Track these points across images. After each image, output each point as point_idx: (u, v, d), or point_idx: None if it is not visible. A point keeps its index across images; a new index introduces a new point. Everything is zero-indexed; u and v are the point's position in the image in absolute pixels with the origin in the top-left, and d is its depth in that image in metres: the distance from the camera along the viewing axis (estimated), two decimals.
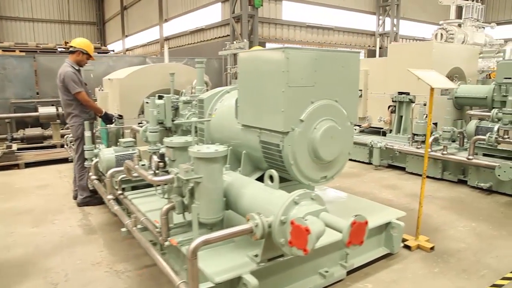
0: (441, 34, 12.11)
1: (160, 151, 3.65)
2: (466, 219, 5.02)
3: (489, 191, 6.08)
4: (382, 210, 4.05)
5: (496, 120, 5.88)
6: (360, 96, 8.61)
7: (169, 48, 22.34)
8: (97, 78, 9.38)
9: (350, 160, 8.34)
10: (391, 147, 7.36)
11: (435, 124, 7.21)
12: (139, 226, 3.65)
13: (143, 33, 26.74)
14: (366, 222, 2.34)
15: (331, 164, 3.71)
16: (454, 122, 7.64)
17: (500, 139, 5.79)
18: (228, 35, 15.57)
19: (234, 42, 12.36)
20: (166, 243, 3.09)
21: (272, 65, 3.44)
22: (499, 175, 5.59)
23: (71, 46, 5.58)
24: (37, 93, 10.94)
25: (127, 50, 30.25)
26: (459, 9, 13.96)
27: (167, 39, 22.74)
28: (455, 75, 7.81)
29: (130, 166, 3.66)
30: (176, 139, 3.46)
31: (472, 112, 6.33)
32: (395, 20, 19.26)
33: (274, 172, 2.88)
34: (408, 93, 7.45)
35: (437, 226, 4.79)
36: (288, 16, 16.80)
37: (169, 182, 3.18)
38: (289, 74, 3.29)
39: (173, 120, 5.54)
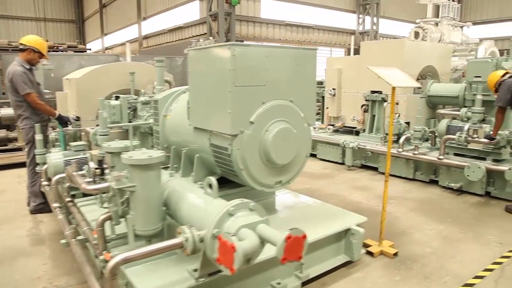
0: (418, 33, 12.06)
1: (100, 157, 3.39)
2: (434, 221, 4.87)
3: (460, 191, 5.97)
4: (342, 216, 3.85)
5: (466, 119, 5.75)
6: (334, 95, 8.45)
7: (148, 46, 21.98)
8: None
9: (323, 160, 8.20)
10: (363, 147, 7.20)
11: (408, 123, 7.08)
12: (79, 238, 3.38)
13: (122, 31, 26.23)
14: (304, 236, 2.13)
15: (286, 168, 3.50)
16: (427, 121, 7.55)
17: (470, 138, 5.66)
18: (205, 33, 15.30)
19: (201, 40, 12.08)
20: (101, 257, 2.83)
21: (219, 63, 3.21)
22: (468, 176, 5.47)
23: (21, 44, 5.25)
24: (3, 93, 10.51)
25: (107, 48, 29.65)
26: (436, 8, 13.93)
27: (146, 37, 22.32)
28: (428, 73, 7.70)
29: (68, 173, 3.39)
30: (115, 144, 3.21)
31: (442, 111, 6.20)
32: (375, 18, 19.21)
33: (212, 179, 2.65)
34: (380, 92, 7.29)
35: (404, 230, 4.62)
36: (267, 14, 16.59)
37: (104, 191, 2.92)
38: (236, 72, 3.07)
39: (130, 121, 5.30)
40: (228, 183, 3.80)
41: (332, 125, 8.53)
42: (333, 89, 8.42)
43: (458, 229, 4.63)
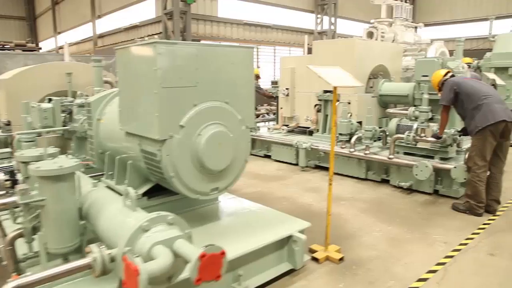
0: (372, 32, 12.20)
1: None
2: (383, 222, 4.82)
3: (410, 190, 5.98)
4: (285, 222, 3.69)
5: (413, 118, 5.76)
6: (287, 95, 8.35)
7: (103, 46, 21.18)
8: None
9: (278, 161, 8.07)
10: (316, 147, 7.13)
11: (360, 122, 7.06)
12: None
13: (76, 29, 25.19)
14: (223, 253, 1.93)
15: (223, 174, 3.30)
16: (379, 120, 7.57)
17: (418, 137, 5.68)
18: (161, 33, 14.86)
19: (145, 37, 11.68)
20: (9, 280, 2.51)
21: (144, 63, 2.97)
22: (416, 174, 5.48)
23: None
24: None
25: (60, 48, 28.36)
26: (390, 9, 14.18)
27: (101, 36, 21.52)
28: (380, 72, 7.73)
29: None
30: (29, 152, 2.89)
31: (391, 110, 6.21)
32: (332, 18, 19.39)
33: (130, 189, 2.41)
34: (331, 91, 7.23)
35: (352, 232, 4.53)
36: (224, 13, 16.34)
37: (14, 206, 2.61)
38: (162, 72, 2.84)
39: (64, 126, 4.93)
40: (167, 190, 3.57)
41: (287, 125, 8.42)
42: (286, 89, 8.31)
43: (406, 229, 4.59)
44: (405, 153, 6.16)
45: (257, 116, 10.76)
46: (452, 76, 5.34)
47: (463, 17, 22.47)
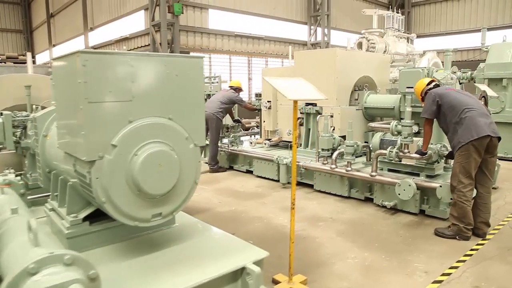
0: (362, 43, 11.93)
1: None
2: (360, 247, 4.42)
3: (394, 209, 5.59)
4: (241, 250, 3.30)
5: (396, 133, 5.40)
6: (269, 107, 8.02)
7: None
8: None
9: (260, 177, 7.71)
10: (297, 163, 6.75)
11: (343, 137, 6.69)
12: None
13: (70, 42, 25.06)
14: None
15: (167, 198, 2.92)
16: (365, 134, 7.22)
17: (401, 154, 5.31)
18: (149, 44, 14.64)
19: (134, 49, 11.42)
20: None
21: (70, 75, 2.64)
22: (399, 194, 5.10)
23: None
24: None
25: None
26: (382, 20, 13.96)
27: (94, 48, 21.30)
28: (366, 84, 7.39)
29: None
30: None
31: (372, 124, 5.85)
32: (326, 30, 19.19)
33: (32, 221, 2.04)
34: (315, 104, 6.91)
35: (325, 259, 4.14)
36: (215, 25, 16.12)
37: None
38: (88, 85, 2.49)
39: (17, 142, 4.60)
40: None
41: (269, 139, 8.07)
42: (268, 101, 7.98)
43: (384, 255, 4.19)
44: (390, 170, 5.79)
45: (247, 129, 10.43)
46: (437, 86, 5.00)
47: (459, 28, 22.27)
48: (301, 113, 7.13)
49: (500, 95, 9.49)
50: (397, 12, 13.62)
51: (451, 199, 4.68)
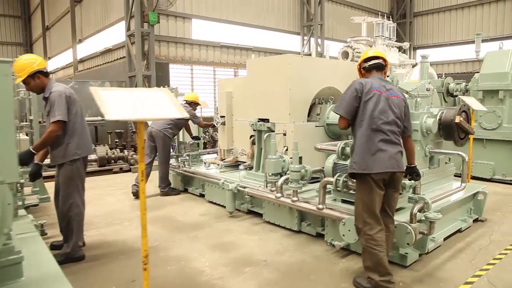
0: (347, 53, 10.93)
1: None
2: None
3: (347, 251, 4.52)
4: None
5: (343, 157, 4.33)
6: (223, 123, 7.03)
7: (82, 70, 20.42)
8: None
9: (211, 202, 6.74)
10: (242, 189, 5.74)
11: (300, 158, 5.65)
12: None
13: (63, 54, 24.61)
14: None
15: None
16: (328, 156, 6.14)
17: (350, 182, 4.25)
18: (124, 57, 13.88)
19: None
20: None
21: None
22: (343, 235, 4.03)
23: None
24: None
25: (50, 73, 27.76)
26: (373, 27, 12.96)
27: (82, 61, 20.75)
28: (330, 96, 6.35)
29: None
30: None
31: (318, 145, 4.81)
32: (319, 40, 18.23)
33: None
34: (267, 120, 5.90)
35: None
36: (199, 35, 15.30)
37: None
38: None
39: None
40: None
41: (223, 159, 7.07)
42: (221, 116, 7.00)
43: None
44: (344, 201, 4.71)
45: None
46: (380, 66, 3.90)
47: (463, 38, 21.10)
48: (254, 130, 6.12)
49: (496, 109, 8.37)
50: (388, 19, 12.58)
51: (355, 239, 3.82)
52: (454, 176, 5.92)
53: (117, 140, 11.59)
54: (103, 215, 6.22)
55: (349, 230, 3.92)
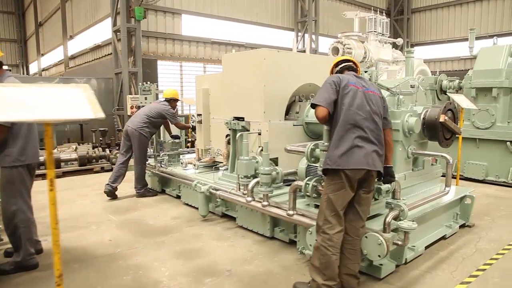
0: (337, 48, 10.57)
1: None
2: None
3: None
4: None
5: (313, 159, 3.99)
6: (200, 122, 6.70)
7: (73, 67, 20.11)
8: None
9: (187, 205, 6.45)
10: (215, 191, 5.41)
11: (276, 159, 5.32)
12: None
13: (55, 51, 24.25)
14: None
15: None
16: None
17: (320, 187, 3.92)
18: (111, 53, 13.54)
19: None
20: None
21: None
22: (310, 245, 3.70)
23: None
24: None
25: (44, 70, 27.51)
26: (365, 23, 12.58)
27: (73, 57, 20.41)
28: (311, 93, 6.00)
29: None
30: None
31: (288, 147, 4.47)
32: (313, 36, 17.86)
33: None
34: (242, 119, 5.57)
35: None
36: (189, 31, 14.95)
37: None
38: None
39: None
40: None
41: (200, 159, 6.74)
42: (198, 115, 6.67)
43: None
44: (317, 206, 4.37)
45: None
46: (352, 69, 3.70)
47: (462, 35, 20.69)
48: (229, 128, 5.79)
49: (490, 108, 8.01)
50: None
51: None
52: (443, 176, 5.59)
53: (102, 139, 11.28)
54: (71, 218, 5.89)
55: (316, 240, 3.58)
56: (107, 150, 10.26)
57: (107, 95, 13.66)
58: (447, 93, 8.60)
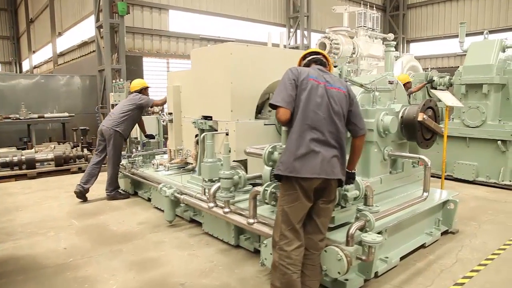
0: (324, 44, 10.20)
1: None
2: None
3: None
4: None
5: (270, 164, 3.61)
6: (171, 120, 6.34)
7: (60, 64, 19.74)
8: None
9: (157, 208, 6.11)
10: (179, 195, 5.06)
11: (244, 161, 4.96)
12: None
13: (46, 48, 23.87)
14: None
15: None
16: None
17: (279, 194, 3.55)
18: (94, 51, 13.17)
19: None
20: None
21: None
22: (265, 259, 3.34)
23: None
24: None
25: (35, 67, 27.12)
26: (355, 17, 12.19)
27: (62, 54, 20.01)
28: None
29: None
30: None
31: (248, 149, 4.12)
32: (305, 32, 17.44)
33: None
34: (210, 118, 5.21)
35: None
36: (176, 27, 14.56)
37: None
38: None
39: None
40: None
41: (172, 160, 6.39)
42: (169, 113, 6.31)
43: None
44: None
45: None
46: (321, 62, 3.33)
47: (458, 31, 20.27)
48: (197, 128, 5.43)
49: (480, 105, 7.65)
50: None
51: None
52: (432, 177, 5.25)
53: (82, 138, 10.92)
54: (33, 223, 5.57)
55: (271, 253, 3.23)
56: (86, 150, 9.89)
57: (91, 93, 13.30)
58: (431, 90, 8.24)
